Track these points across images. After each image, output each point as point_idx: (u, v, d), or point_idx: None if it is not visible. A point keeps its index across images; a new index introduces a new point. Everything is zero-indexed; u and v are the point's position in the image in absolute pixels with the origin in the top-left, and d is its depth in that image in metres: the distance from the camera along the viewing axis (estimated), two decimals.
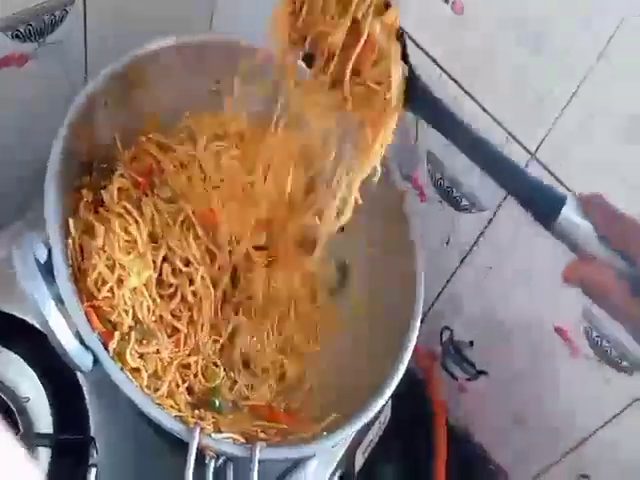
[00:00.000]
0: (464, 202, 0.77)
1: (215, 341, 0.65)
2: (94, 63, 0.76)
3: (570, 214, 0.44)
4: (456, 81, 0.68)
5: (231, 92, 0.71)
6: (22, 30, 0.67)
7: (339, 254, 0.73)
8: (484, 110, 0.67)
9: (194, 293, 0.64)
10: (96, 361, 0.52)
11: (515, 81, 0.65)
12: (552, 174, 0.65)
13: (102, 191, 0.62)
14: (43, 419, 0.62)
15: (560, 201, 0.45)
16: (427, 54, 0.68)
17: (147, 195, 0.65)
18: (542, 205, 0.46)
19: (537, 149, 0.66)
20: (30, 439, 0.60)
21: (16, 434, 0.57)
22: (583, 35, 0.58)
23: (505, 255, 0.76)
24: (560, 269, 0.70)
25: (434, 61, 0.68)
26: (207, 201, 0.66)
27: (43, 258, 0.52)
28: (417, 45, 0.68)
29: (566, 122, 0.62)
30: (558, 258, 0.70)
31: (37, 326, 0.53)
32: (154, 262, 0.62)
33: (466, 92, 0.68)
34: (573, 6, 0.57)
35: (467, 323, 0.86)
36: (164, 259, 0.63)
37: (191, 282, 0.64)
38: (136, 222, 0.62)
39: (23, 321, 0.64)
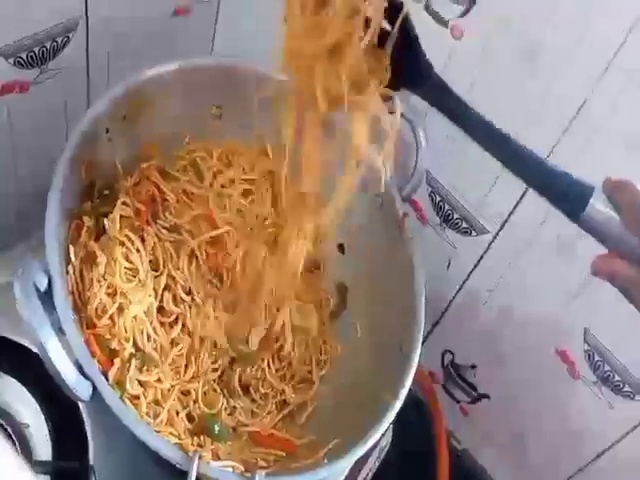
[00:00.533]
0: (464, 225, 0.77)
1: (215, 369, 0.65)
2: (96, 88, 0.76)
3: (598, 204, 0.42)
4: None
5: (232, 116, 0.71)
6: (24, 57, 0.67)
7: (338, 276, 0.73)
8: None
9: None
10: (95, 390, 0.51)
11: (518, 93, 0.65)
12: None
13: (104, 219, 0.62)
14: (42, 446, 0.62)
15: (587, 191, 0.43)
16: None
17: (149, 224, 0.64)
18: (569, 196, 0.43)
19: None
20: (29, 466, 0.60)
21: None
22: (586, 48, 0.57)
23: (506, 278, 0.76)
24: (562, 291, 0.70)
25: None
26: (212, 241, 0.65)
27: (43, 286, 0.51)
28: None
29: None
30: (560, 281, 0.71)
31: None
32: (155, 290, 0.62)
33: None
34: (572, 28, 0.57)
35: (469, 346, 0.86)
36: (165, 287, 0.63)
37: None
38: (137, 251, 0.62)
39: (23, 347, 0.63)
